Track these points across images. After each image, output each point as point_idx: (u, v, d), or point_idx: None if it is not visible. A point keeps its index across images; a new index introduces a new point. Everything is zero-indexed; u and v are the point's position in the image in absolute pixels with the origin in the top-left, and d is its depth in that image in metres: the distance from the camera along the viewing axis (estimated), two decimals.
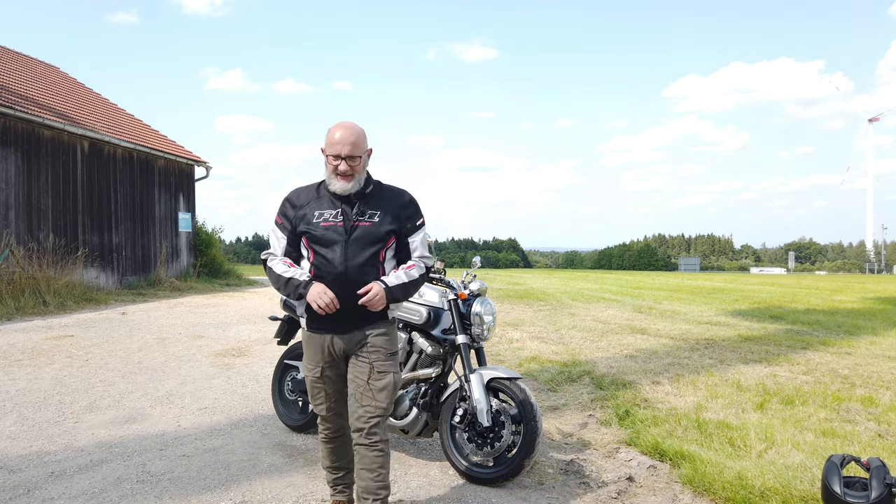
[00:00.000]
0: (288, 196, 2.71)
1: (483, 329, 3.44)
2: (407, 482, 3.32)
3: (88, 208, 14.41)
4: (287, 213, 2.65)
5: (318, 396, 2.70)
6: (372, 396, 2.57)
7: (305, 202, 2.63)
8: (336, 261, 2.52)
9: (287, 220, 2.64)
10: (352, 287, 2.51)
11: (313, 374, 2.67)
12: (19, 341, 7.56)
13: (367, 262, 2.55)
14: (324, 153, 2.59)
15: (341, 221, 2.55)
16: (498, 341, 7.95)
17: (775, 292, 18.81)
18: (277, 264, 2.62)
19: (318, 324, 2.60)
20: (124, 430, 4.14)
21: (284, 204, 2.69)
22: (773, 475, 3.13)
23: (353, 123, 2.58)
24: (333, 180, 2.56)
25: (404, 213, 2.67)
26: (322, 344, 2.61)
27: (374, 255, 2.57)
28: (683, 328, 9.40)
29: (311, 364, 2.67)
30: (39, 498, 3.05)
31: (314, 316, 2.57)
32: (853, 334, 8.97)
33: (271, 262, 2.66)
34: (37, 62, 18.25)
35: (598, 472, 3.48)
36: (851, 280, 32.63)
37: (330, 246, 2.53)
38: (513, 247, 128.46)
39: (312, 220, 2.57)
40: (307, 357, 2.68)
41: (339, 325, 2.58)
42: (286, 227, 2.64)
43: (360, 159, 2.55)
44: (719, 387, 5.30)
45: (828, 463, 2.29)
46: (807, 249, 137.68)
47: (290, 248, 2.66)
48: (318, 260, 2.55)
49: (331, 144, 2.53)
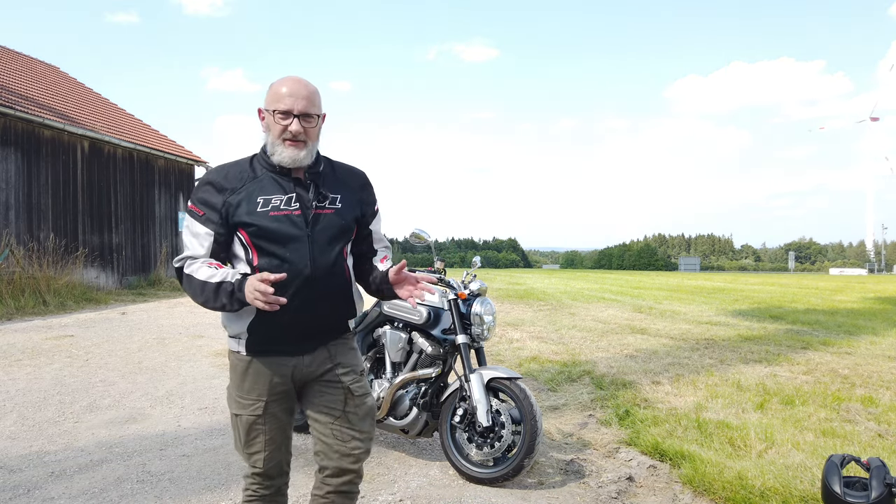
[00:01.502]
0: (208, 178, 1.97)
1: (483, 329, 3.44)
2: (407, 482, 3.32)
3: (88, 208, 14.41)
4: (211, 201, 1.92)
5: (254, 443, 1.99)
6: (355, 427, 2.05)
7: (238, 184, 1.94)
8: (300, 261, 1.90)
9: (212, 210, 1.92)
10: (321, 296, 1.95)
11: (251, 412, 1.98)
12: (19, 341, 7.56)
13: (335, 261, 1.98)
14: (262, 114, 1.96)
15: (297, 209, 1.93)
16: (498, 341, 7.95)
17: (775, 292, 18.81)
18: (199, 269, 1.89)
19: (268, 344, 1.96)
20: (124, 430, 4.14)
21: (204, 188, 1.95)
22: (773, 475, 3.13)
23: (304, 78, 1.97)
24: (280, 147, 1.91)
25: (366, 197, 2.13)
26: (271, 371, 1.97)
27: (340, 251, 2.00)
28: (683, 328, 9.40)
29: (248, 399, 1.98)
30: (39, 498, 3.05)
31: (261, 333, 1.94)
32: (853, 334, 8.97)
33: (189, 267, 1.90)
34: (37, 62, 18.25)
35: (598, 471, 3.48)
36: (851, 280, 32.63)
37: (287, 243, 1.89)
38: (513, 247, 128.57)
39: (255, 209, 1.90)
40: (242, 390, 1.99)
41: (300, 343, 1.98)
42: (211, 220, 1.92)
43: (316, 120, 1.94)
44: (719, 387, 5.30)
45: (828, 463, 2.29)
46: (807, 249, 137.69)
47: (217, 247, 1.94)
48: (269, 262, 1.89)
49: (277, 98, 1.90)
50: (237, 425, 2.02)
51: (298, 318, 1.92)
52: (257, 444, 2.00)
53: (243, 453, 2.04)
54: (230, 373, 2.06)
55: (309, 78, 1.97)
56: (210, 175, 1.98)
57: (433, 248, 3.71)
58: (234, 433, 2.06)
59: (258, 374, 1.98)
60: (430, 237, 3.56)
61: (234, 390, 2.03)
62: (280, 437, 2.03)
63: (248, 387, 1.98)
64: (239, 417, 2.01)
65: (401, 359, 3.59)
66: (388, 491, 3.18)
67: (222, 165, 2.01)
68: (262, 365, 1.97)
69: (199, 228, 1.93)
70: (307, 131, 1.91)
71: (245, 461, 2.06)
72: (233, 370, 2.04)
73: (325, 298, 1.96)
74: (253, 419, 1.98)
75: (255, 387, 1.98)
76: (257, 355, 1.97)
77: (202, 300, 1.89)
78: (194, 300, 1.93)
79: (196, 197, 1.95)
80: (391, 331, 3.61)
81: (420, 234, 3.51)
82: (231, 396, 2.04)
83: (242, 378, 1.99)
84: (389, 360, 3.60)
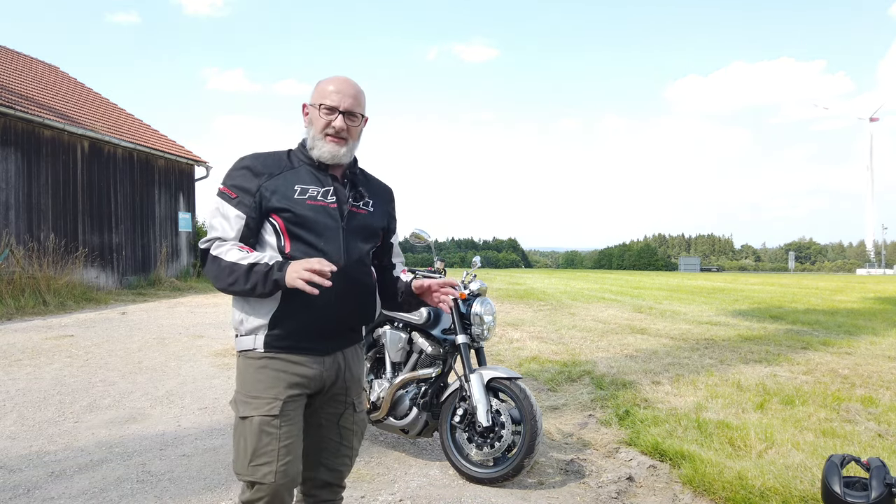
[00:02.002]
0: (244, 162, 1.91)
1: (483, 329, 3.44)
2: (407, 482, 3.32)
3: (88, 208, 14.42)
4: (245, 185, 1.86)
5: (264, 452, 1.77)
6: (346, 443, 2.00)
7: (275, 170, 1.90)
8: (333, 252, 1.84)
9: (246, 194, 1.85)
10: (350, 291, 1.89)
11: (265, 411, 1.79)
12: (19, 341, 7.56)
13: (364, 260, 1.96)
14: (306, 110, 1.97)
15: (334, 203, 1.90)
16: (498, 341, 7.95)
17: (775, 292, 18.81)
18: (229, 251, 1.80)
19: (289, 339, 1.84)
20: (124, 430, 4.14)
21: (240, 172, 1.89)
22: (773, 475, 3.13)
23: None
24: (321, 142, 1.90)
25: (392, 211, 2.17)
26: (290, 369, 1.84)
27: (368, 253, 2.00)
28: (683, 328, 9.40)
29: (263, 398, 1.80)
30: (39, 498, 3.05)
31: (284, 327, 1.83)
32: (853, 334, 8.97)
33: (217, 249, 1.82)
34: (37, 62, 18.26)
35: (598, 472, 3.48)
36: (851, 280, 32.63)
37: (322, 233, 1.85)
38: (513, 247, 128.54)
39: (291, 196, 1.86)
40: (257, 389, 1.82)
41: (322, 342, 1.89)
42: (244, 203, 1.84)
43: (360, 120, 1.95)
44: (719, 387, 5.30)
45: (828, 463, 2.29)
46: (807, 249, 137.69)
47: (247, 231, 1.86)
48: (302, 250, 1.83)
49: (324, 94, 1.91)
50: (245, 432, 1.79)
51: (325, 312, 1.85)
52: (268, 454, 1.77)
53: (247, 469, 1.78)
54: (239, 376, 1.88)
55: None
56: (246, 160, 1.92)
57: (433, 248, 3.71)
58: (239, 446, 1.81)
59: (276, 372, 1.82)
60: (430, 237, 3.56)
61: (243, 391, 1.84)
62: (296, 447, 1.83)
63: (264, 385, 1.81)
64: (249, 420, 1.79)
65: (401, 359, 3.59)
66: (388, 491, 3.18)
67: (258, 153, 1.95)
68: (280, 363, 1.83)
69: (230, 211, 1.85)
70: (350, 129, 1.92)
71: (248, 477, 1.79)
72: (243, 371, 1.86)
73: (353, 295, 1.91)
74: (267, 420, 1.78)
75: (272, 385, 1.82)
76: (277, 352, 1.84)
77: (229, 281, 1.77)
78: (217, 283, 1.82)
79: (230, 180, 1.89)
80: (391, 331, 3.61)
81: (420, 234, 3.51)
82: (238, 400, 1.85)
83: (257, 376, 1.83)
84: (389, 359, 3.60)
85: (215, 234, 1.86)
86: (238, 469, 1.82)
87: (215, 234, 1.86)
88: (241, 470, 1.81)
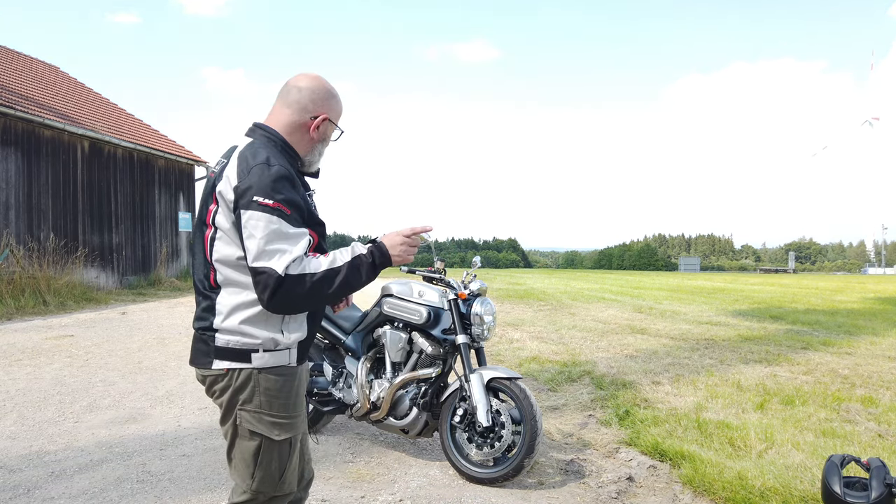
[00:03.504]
0: (280, 172, 1.68)
1: (483, 329, 3.44)
2: (407, 482, 3.32)
3: (88, 208, 14.42)
4: (295, 200, 1.68)
5: (292, 465, 1.80)
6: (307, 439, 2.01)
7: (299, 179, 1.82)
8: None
9: (297, 209, 1.68)
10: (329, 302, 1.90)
11: (299, 430, 1.81)
12: (19, 341, 7.56)
13: None
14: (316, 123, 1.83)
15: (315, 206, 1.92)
16: (498, 341, 7.95)
17: (775, 292, 18.81)
18: (309, 262, 1.64)
19: (305, 349, 1.83)
20: (124, 430, 4.14)
21: (282, 183, 1.67)
22: (773, 475, 3.13)
23: None
24: (317, 158, 1.89)
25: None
26: (304, 378, 1.90)
27: None
28: (683, 328, 9.40)
29: (300, 416, 1.80)
30: (39, 498, 3.05)
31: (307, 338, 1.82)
32: (853, 334, 8.97)
33: (296, 269, 1.61)
34: (37, 62, 18.26)
35: (598, 472, 3.48)
36: (851, 280, 32.63)
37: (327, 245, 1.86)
38: (513, 247, 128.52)
39: (314, 210, 1.82)
40: (296, 408, 1.79)
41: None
42: (298, 219, 1.67)
43: None
44: (719, 387, 5.30)
45: (828, 463, 2.29)
46: (807, 249, 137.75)
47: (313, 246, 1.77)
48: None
49: (340, 113, 1.90)
50: (280, 454, 1.75)
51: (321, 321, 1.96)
52: (293, 466, 1.80)
53: (276, 486, 1.76)
54: (258, 396, 1.73)
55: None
56: (279, 168, 1.68)
57: (433, 248, 3.71)
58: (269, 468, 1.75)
59: (302, 385, 1.82)
60: (430, 237, 3.55)
61: (276, 412, 1.74)
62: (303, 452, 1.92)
63: (298, 401, 1.79)
64: (286, 442, 1.75)
65: (401, 359, 3.59)
66: (388, 491, 3.18)
67: (274, 155, 1.73)
68: (300, 373, 1.83)
69: (292, 230, 1.63)
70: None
71: (275, 493, 1.77)
72: (272, 390, 1.74)
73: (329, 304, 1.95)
74: (298, 437, 1.80)
75: (301, 399, 1.81)
76: (299, 364, 1.82)
77: (338, 284, 1.63)
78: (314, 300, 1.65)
79: (280, 195, 1.64)
80: (391, 331, 3.61)
81: (420, 234, 3.51)
82: (266, 423, 1.74)
83: (293, 392, 1.77)
84: (389, 360, 3.60)
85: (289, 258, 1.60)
86: (262, 489, 1.76)
87: (287, 257, 1.59)
88: (267, 489, 1.76)
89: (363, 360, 3.66)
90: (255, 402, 1.73)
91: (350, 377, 3.73)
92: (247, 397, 1.73)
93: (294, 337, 1.76)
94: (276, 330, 1.73)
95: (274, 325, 1.73)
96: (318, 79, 1.87)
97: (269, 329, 1.73)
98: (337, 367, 3.86)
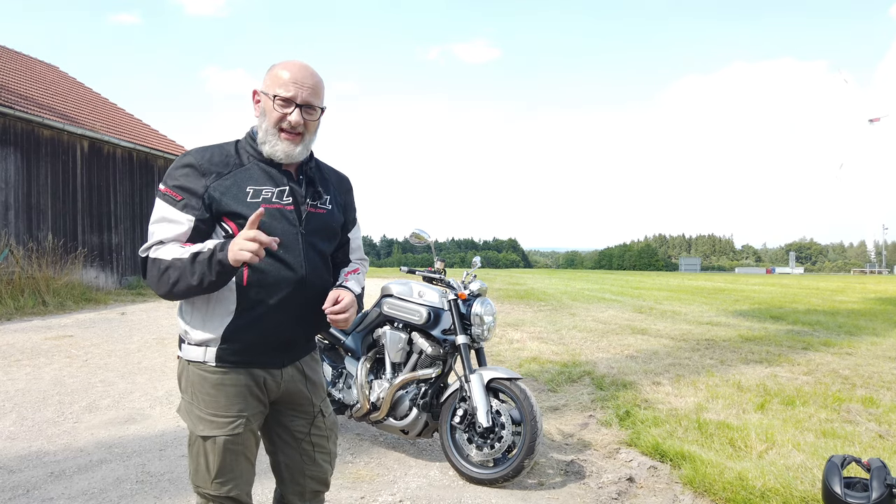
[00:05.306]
0: (187, 160, 1.70)
1: (483, 329, 3.43)
2: (407, 482, 3.31)
3: (88, 208, 14.42)
4: (191, 186, 1.66)
5: (230, 470, 1.73)
6: (324, 449, 1.91)
7: (224, 169, 1.71)
8: (293, 261, 1.72)
9: (192, 196, 1.66)
10: (309, 301, 1.77)
11: (230, 430, 1.71)
12: (19, 341, 7.55)
13: (325, 265, 1.85)
14: (257, 97, 1.76)
15: (291, 205, 1.75)
16: (498, 341, 7.95)
17: (776, 293, 18.81)
18: (168, 250, 1.62)
19: (244, 354, 1.72)
20: (124, 430, 4.13)
21: (183, 171, 1.68)
22: (773, 476, 3.13)
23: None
24: (274, 138, 1.72)
25: (350, 202, 2.00)
26: (248, 383, 1.74)
27: (328, 256, 1.88)
28: (684, 328, 9.40)
29: (227, 416, 1.71)
30: (39, 498, 3.05)
31: (239, 340, 1.70)
32: (854, 335, 8.96)
33: (156, 252, 1.63)
34: (37, 62, 18.26)
35: (599, 472, 3.48)
36: (852, 280, 32.63)
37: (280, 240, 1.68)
38: (513, 247, 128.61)
39: (244, 198, 1.68)
40: (218, 406, 1.72)
41: (279, 354, 1.78)
42: (192, 206, 1.66)
43: (318, 113, 1.76)
44: (720, 387, 5.29)
45: (828, 463, 2.29)
46: (807, 249, 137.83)
47: (196, 235, 1.66)
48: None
49: (279, 83, 1.70)
50: (205, 451, 1.71)
51: (283, 323, 1.73)
52: (234, 471, 1.74)
53: (211, 485, 1.73)
54: (190, 387, 1.74)
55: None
56: (190, 157, 1.70)
57: (433, 248, 3.71)
58: (197, 461, 1.73)
59: (235, 388, 1.72)
60: (430, 237, 3.55)
61: (201, 408, 1.72)
62: (254, 459, 1.81)
63: (225, 403, 1.72)
64: (212, 440, 1.70)
65: (401, 359, 3.58)
66: (388, 491, 3.17)
67: (204, 147, 1.75)
68: (236, 376, 1.72)
69: (176, 215, 1.65)
70: (307, 124, 1.73)
71: (212, 492, 1.74)
72: (198, 384, 1.72)
73: (313, 304, 1.77)
74: (231, 439, 1.71)
75: (233, 402, 1.72)
76: (231, 366, 1.72)
77: (173, 280, 1.59)
78: (159, 289, 1.63)
79: (172, 180, 1.68)
80: (391, 331, 3.60)
81: (420, 234, 3.51)
82: (194, 415, 1.73)
83: (214, 392, 1.71)
84: (389, 360, 3.60)
85: (155, 240, 1.65)
86: (199, 483, 1.75)
87: (154, 239, 1.65)
88: (202, 485, 1.75)
89: (363, 360, 3.66)
90: (188, 393, 1.76)
91: (350, 378, 3.73)
92: (183, 386, 1.78)
93: (203, 335, 1.70)
94: (187, 324, 1.74)
95: (187, 318, 1.75)
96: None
97: (186, 320, 1.76)
98: (336, 367, 3.85)
